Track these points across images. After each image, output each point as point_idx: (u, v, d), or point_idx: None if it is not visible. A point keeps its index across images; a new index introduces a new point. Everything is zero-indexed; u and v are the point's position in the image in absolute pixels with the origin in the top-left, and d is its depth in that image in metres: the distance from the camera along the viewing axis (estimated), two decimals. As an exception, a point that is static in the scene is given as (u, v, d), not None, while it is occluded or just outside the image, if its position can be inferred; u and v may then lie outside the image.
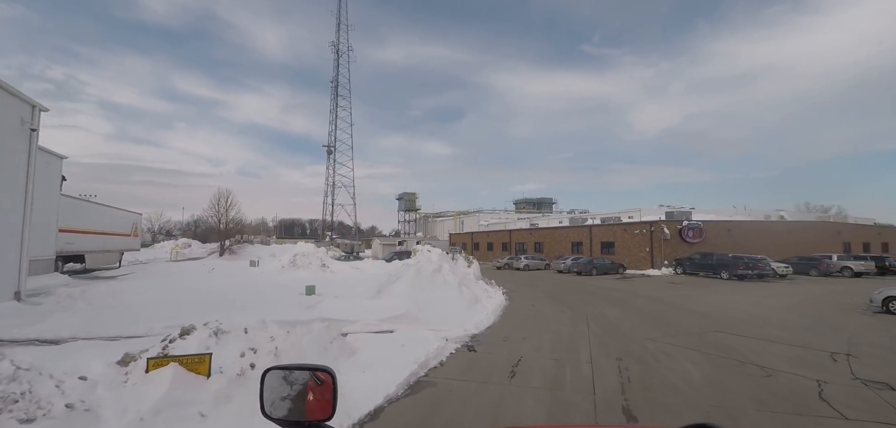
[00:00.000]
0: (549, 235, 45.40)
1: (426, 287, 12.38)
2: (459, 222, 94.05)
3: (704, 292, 19.86)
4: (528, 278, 28.60)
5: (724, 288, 22.01)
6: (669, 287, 22.48)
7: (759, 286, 23.45)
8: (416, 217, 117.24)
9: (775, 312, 14.35)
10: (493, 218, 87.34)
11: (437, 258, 15.01)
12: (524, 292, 19.44)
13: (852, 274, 30.84)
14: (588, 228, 40.06)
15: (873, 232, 46.22)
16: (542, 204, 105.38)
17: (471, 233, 65.40)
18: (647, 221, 34.49)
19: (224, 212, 40.56)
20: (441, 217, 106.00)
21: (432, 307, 11.16)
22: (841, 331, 11.06)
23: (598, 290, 20.93)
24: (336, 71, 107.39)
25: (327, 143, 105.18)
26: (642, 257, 34.10)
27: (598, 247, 38.55)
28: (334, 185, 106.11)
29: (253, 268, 26.59)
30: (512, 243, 52.17)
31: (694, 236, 33.86)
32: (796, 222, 40.22)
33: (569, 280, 27.10)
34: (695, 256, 30.38)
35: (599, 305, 15.60)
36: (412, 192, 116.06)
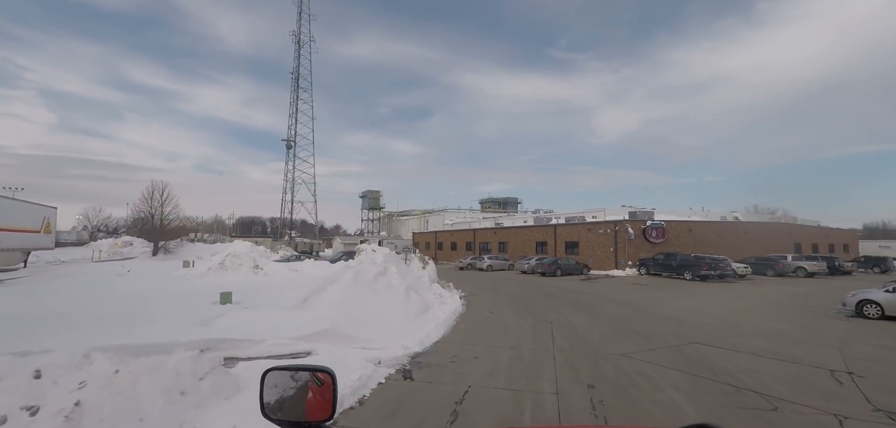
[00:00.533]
0: (514, 235, 44.28)
1: (364, 294, 10.42)
2: (424, 222, 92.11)
3: (672, 295, 18.92)
4: (491, 280, 27.09)
5: (689, 289, 21.25)
6: (636, 289, 21.50)
7: (723, 287, 22.95)
8: (380, 216, 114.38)
9: (748, 316, 13.35)
10: (458, 217, 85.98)
11: (383, 259, 13.07)
12: (484, 296, 17.79)
13: (806, 274, 31.33)
14: (552, 227, 39.16)
15: (820, 233, 48.08)
16: (507, 203, 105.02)
17: (435, 232, 63.60)
18: (612, 220, 33.88)
19: (159, 207, 36.67)
20: (406, 216, 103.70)
21: (369, 319, 9.23)
22: (826, 340, 9.99)
23: (562, 292, 19.60)
24: (297, 62, 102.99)
25: (287, 138, 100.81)
26: (606, 257, 33.41)
27: (562, 247, 37.69)
28: (294, 182, 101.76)
29: (185, 269, 23.59)
30: (476, 243, 50.78)
31: (657, 236, 33.51)
32: (752, 223, 41.01)
33: (533, 281, 25.78)
34: (658, 256, 29.88)
35: (565, 310, 14.13)
36: (376, 191, 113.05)
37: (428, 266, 16.88)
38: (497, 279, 27.57)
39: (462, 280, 26.05)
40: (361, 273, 11.36)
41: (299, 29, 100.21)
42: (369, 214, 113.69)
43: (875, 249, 53.82)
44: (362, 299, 10.07)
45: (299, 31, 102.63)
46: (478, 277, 29.70)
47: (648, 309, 14.60)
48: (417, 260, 17.47)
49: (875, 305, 12.83)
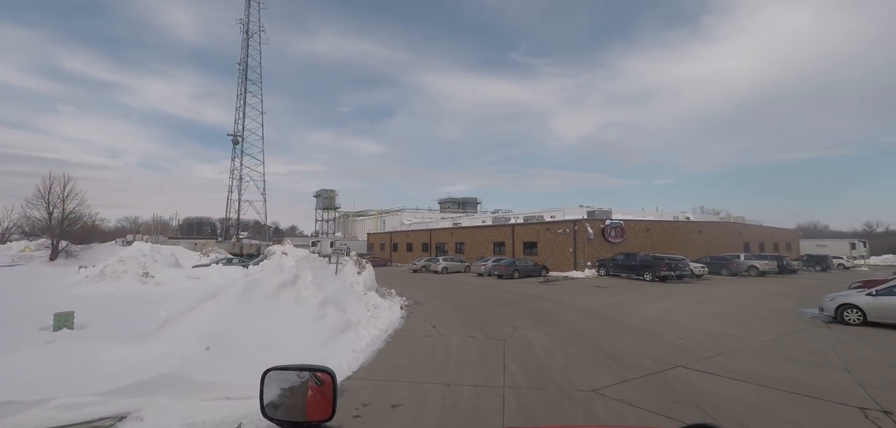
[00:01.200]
0: (471, 235, 42.34)
1: (254, 313, 7.76)
2: (381, 222, 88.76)
3: (636, 298, 17.39)
4: (444, 283, 24.81)
5: (652, 292, 19.91)
6: (597, 292, 19.92)
7: (685, 288, 21.89)
8: (335, 216, 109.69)
9: (723, 324, 11.80)
10: (416, 217, 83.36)
11: (293, 265, 10.39)
12: (432, 304, 15.44)
13: (758, 273, 31.37)
14: (510, 227, 37.53)
15: (766, 233, 49.61)
16: (466, 203, 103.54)
17: (390, 233, 60.70)
18: (571, 219, 32.60)
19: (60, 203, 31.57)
20: (362, 216, 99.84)
21: (252, 349, 6.62)
22: (824, 357, 8.39)
23: (519, 298, 17.60)
24: (245, 53, 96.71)
25: (233, 133, 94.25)
26: (565, 258, 32.06)
27: (520, 247, 36.10)
28: (241, 180, 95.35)
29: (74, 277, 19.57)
30: (432, 244, 48.45)
31: (616, 236, 32.54)
32: (705, 223, 41.33)
33: (489, 285, 23.75)
34: (618, 256, 28.77)
35: (521, 322, 12.01)
36: (331, 190, 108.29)
37: (364, 271, 14.33)
38: (451, 283, 25.34)
39: (412, 285, 23.60)
40: (257, 284, 8.64)
41: (248, 18, 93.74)
42: (324, 214, 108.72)
43: (813, 247, 56.48)
44: (249, 321, 7.41)
45: (248, 19, 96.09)
46: (431, 280, 27.36)
47: (615, 318, 12.78)
48: (352, 264, 14.88)
49: (856, 311, 11.61)
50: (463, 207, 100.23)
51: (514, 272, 28.11)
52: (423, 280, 27.52)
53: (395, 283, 24.90)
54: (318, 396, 1.42)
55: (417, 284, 24.04)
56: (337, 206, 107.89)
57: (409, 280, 27.71)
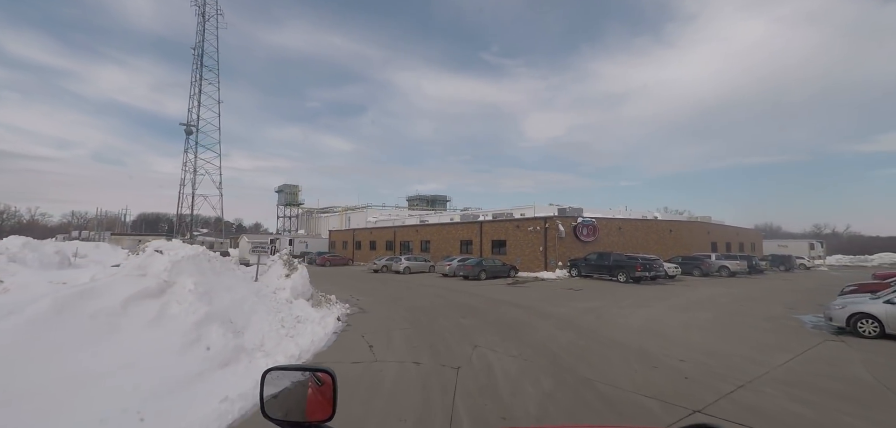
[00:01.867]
0: (438, 233, 39.92)
1: (68, 343, 4.96)
2: (346, 219, 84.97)
3: (614, 304, 15.41)
4: (403, 285, 22.23)
5: (629, 295, 18.07)
6: (571, 296, 17.90)
7: (661, 290, 20.26)
8: (299, 213, 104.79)
9: (722, 339, 9.84)
10: (383, 214, 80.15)
11: (165, 269, 7.57)
12: (379, 313, 12.87)
13: (729, 273, 30.51)
14: (478, 225, 35.36)
15: (732, 233, 49.73)
16: (436, 201, 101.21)
17: (353, 230, 57.46)
18: (542, 217, 30.72)
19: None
20: (326, 213, 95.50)
21: (42, 402, 3.89)
22: (871, 389, 6.43)
23: (485, 303, 15.28)
24: (201, 37, 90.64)
25: (187, 123, 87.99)
26: (535, 258, 30.13)
27: (488, 246, 33.97)
28: (195, 173, 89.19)
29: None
30: (397, 242, 45.70)
31: (588, 234, 30.91)
32: (675, 222, 40.62)
33: (452, 287, 21.36)
34: (590, 256, 27.05)
35: (485, 338, 9.64)
36: (294, 185, 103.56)
37: (295, 274, 11.62)
38: (411, 284, 22.78)
39: (366, 287, 20.89)
40: (89, 297, 5.81)
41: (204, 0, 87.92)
42: (287, 211, 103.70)
43: (775, 247, 57.37)
44: (52, 358, 4.65)
45: (204, 1, 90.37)
46: (389, 281, 24.72)
47: (595, 330, 10.62)
48: (280, 266, 12.12)
49: (872, 321, 9.91)
50: (432, 205, 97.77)
51: (481, 273, 25.86)
52: (381, 282, 24.85)
53: (347, 285, 22.12)
54: (318, 396, 1.42)
55: (372, 287, 21.38)
56: (300, 203, 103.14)
57: (365, 282, 24.98)
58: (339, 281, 24.84)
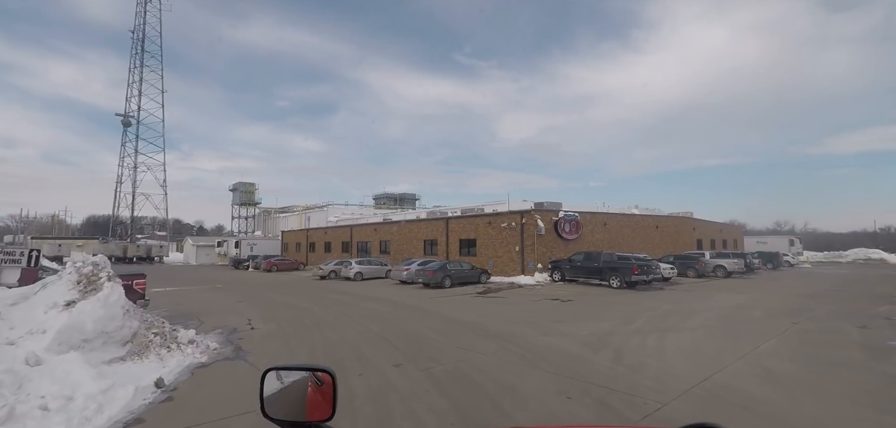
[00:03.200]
0: (399, 233, 34.80)
1: None
2: (306, 218, 78.34)
3: (624, 324, 10.85)
4: (341, 299, 17.09)
5: (635, 309, 13.62)
6: (562, 312, 13.28)
7: (667, 298, 15.99)
8: (255, 212, 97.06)
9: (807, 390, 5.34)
10: (346, 213, 74.12)
11: None
12: (257, 360, 7.81)
13: (725, 273, 27.01)
14: (444, 221, 30.54)
15: (716, 230, 47.01)
16: (404, 200, 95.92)
17: (306, 230, 51.54)
18: (517, 211, 26.17)
19: None
20: (285, 213, 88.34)
21: None
22: None
23: (442, 332, 10.39)
24: (142, 20, 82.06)
25: (124, 113, 79.27)
26: (511, 259, 25.57)
27: (456, 246, 29.20)
28: (136, 168, 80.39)
29: None
30: (353, 243, 40.31)
31: (571, 231, 26.62)
32: (661, 217, 37.16)
33: (406, 300, 16.41)
34: (576, 256, 22.70)
35: (437, 408, 4.78)
36: (249, 183, 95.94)
37: (92, 297, 6.46)
38: (353, 297, 17.63)
39: (290, 301, 15.60)
40: None
41: (141, -25, 79.42)
42: (242, 210, 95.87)
43: (754, 244, 55.48)
44: None
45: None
46: (329, 292, 19.48)
47: (633, 393, 5.89)
48: (65, 285, 6.94)
49: None
50: (400, 204, 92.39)
51: (445, 280, 21.00)
52: (317, 292, 19.60)
53: (266, 299, 16.80)
54: (318, 396, 1.42)
55: (297, 301, 16.16)
56: (257, 202, 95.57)
57: (297, 293, 19.69)
58: (261, 293, 19.44)
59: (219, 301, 16.74)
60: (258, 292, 19.97)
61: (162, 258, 63.10)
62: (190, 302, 16.46)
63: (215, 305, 15.59)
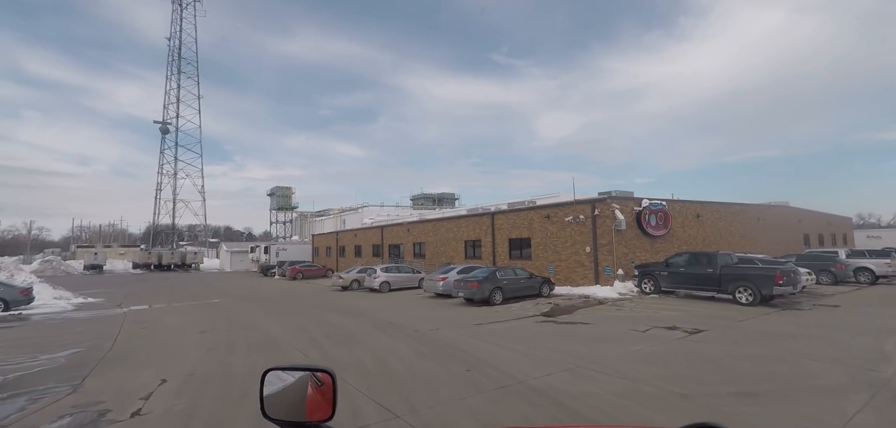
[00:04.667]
0: (434, 233, 29.59)
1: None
2: (341, 221, 75.17)
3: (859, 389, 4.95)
4: (354, 327, 12.00)
5: (821, 343, 7.49)
6: (702, 353, 7.40)
7: (842, 322, 9.62)
8: (292, 217, 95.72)
9: None
10: (382, 215, 70.12)
11: None
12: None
13: (872, 279, 19.75)
14: (489, 217, 25.00)
15: (822, 221, 38.33)
16: (442, 200, 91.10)
17: (336, 233, 47.62)
18: (586, 200, 20.15)
19: None
20: (321, 216, 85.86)
21: None
22: None
23: (514, 415, 4.91)
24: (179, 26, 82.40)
25: (162, 121, 79.51)
26: (579, 263, 19.63)
27: (505, 247, 23.59)
28: (176, 176, 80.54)
29: None
30: (384, 245, 35.56)
31: (658, 225, 20.29)
32: (761, 207, 29.68)
33: (442, 328, 11.09)
34: (675, 259, 16.45)
35: None
36: (287, 187, 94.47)
37: None
38: (368, 325, 12.47)
39: (277, 335, 10.54)
40: None
41: (176, -17, 79.49)
42: (279, 215, 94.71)
43: (864, 240, 45.82)
44: None
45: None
46: (341, 313, 14.49)
47: None
48: None
49: None
50: (438, 204, 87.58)
51: (495, 293, 15.47)
52: (326, 312, 14.70)
53: (259, 322, 11.97)
54: (318, 396, 1.41)
55: (286, 329, 11.24)
56: (294, 206, 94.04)
57: (311, 309, 14.96)
58: (253, 315, 14.80)
59: (188, 328, 12.19)
60: (251, 312, 15.39)
61: (197, 265, 61.68)
62: (145, 330, 12.01)
63: (172, 337, 11.00)
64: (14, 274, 18.91)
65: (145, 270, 56.79)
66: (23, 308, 15.96)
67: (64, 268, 52.79)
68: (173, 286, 28.70)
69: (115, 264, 61.49)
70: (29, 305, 16.12)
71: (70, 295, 19.49)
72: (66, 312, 16.11)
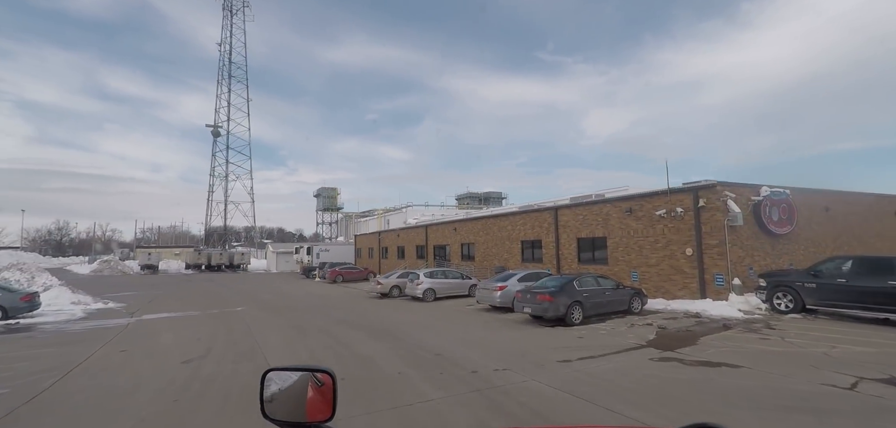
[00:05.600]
0: (484, 232, 25.99)
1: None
2: (385, 222, 73.37)
3: None
4: (384, 356, 8.75)
5: None
6: None
7: None
8: (338, 217, 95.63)
9: None
10: (426, 215, 67.47)
11: None
12: None
13: None
14: (552, 212, 21.07)
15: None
16: (489, 199, 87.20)
17: (378, 233, 45.23)
18: (686, 187, 15.67)
19: None
20: (366, 217, 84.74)
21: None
22: None
23: None
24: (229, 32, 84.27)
25: (214, 124, 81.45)
26: (676, 269, 15.32)
27: (572, 249, 19.62)
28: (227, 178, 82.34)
29: None
30: (428, 247, 32.44)
31: (781, 221, 15.54)
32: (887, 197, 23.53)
33: (507, 360, 7.59)
34: (827, 266, 11.83)
35: None
36: (332, 188, 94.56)
37: None
38: (406, 353, 9.16)
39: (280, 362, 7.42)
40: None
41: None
42: (324, 216, 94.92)
43: None
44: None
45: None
46: (373, 335, 11.31)
47: None
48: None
49: None
50: (485, 203, 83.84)
51: (574, 308, 11.66)
52: (353, 330, 11.61)
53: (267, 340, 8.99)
54: (318, 397, 1.40)
55: (307, 352, 8.23)
56: (339, 207, 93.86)
57: (338, 323, 12.04)
58: (265, 330, 11.97)
59: (175, 353, 9.48)
60: (266, 328, 12.63)
61: (244, 266, 61.93)
62: (123, 355, 9.43)
63: (143, 371, 8.29)
64: (35, 275, 17.37)
65: (196, 270, 57.62)
66: (25, 315, 14.18)
67: (120, 268, 54.38)
68: (208, 290, 27.10)
69: (170, 264, 63.09)
70: (33, 312, 14.34)
71: (89, 299, 17.85)
72: (69, 321, 14.18)
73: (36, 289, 15.59)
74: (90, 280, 36.86)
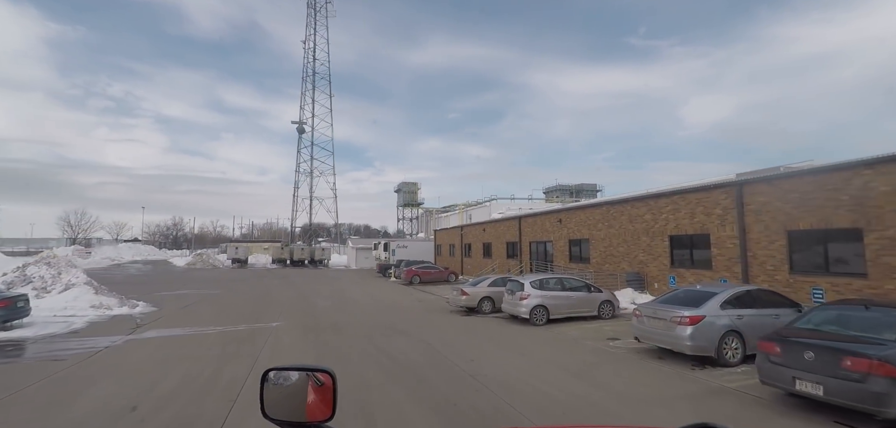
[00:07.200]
0: (605, 223, 18.92)
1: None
2: (467, 217, 68.00)
3: None
4: None
5: None
6: None
7: None
8: (418, 213, 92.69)
9: None
10: (512, 208, 60.71)
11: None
12: None
13: None
14: (732, 190, 13.42)
15: None
16: (582, 190, 77.80)
17: (460, 228, 39.75)
18: None
19: None
20: (447, 212, 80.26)
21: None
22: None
23: None
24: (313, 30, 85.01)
25: (299, 121, 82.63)
26: None
27: (774, 247, 12.15)
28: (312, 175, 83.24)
29: None
30: (522, 243, 26.01)
31: None
32: None
33: None
34: None
35: None
36: (412, 183, 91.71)
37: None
38: None
39: None
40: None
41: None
42: (405, 212, 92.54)
43: None
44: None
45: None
46: (470, 388, 5.52)
47: None
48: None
49: None
50: (576, 196, 74.74)
51: None
52: (444, 377, 5.92)
53: None
54: (318, 397, 1.40)
55: None
56: (420, 202, 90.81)
57: (405, 374, 6.39)
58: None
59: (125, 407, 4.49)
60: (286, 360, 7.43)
61: (325, 261, 60.91)
62: None
63: None
64: (61, 272, 14.50)
65: (281, 264, 57.74)
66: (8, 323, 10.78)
67: (212, 261, 55.96)
68: (267, 291, 23.64)
69: (259, 259, 64.48)
70: (12, 322, 10.90)
71: (114, 303, 14.59)
72: (54, 336, 10.51)
73: (22, 292, 12.37)
74: (166, 274, 36.50)
